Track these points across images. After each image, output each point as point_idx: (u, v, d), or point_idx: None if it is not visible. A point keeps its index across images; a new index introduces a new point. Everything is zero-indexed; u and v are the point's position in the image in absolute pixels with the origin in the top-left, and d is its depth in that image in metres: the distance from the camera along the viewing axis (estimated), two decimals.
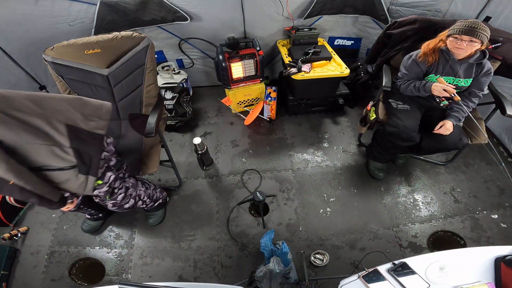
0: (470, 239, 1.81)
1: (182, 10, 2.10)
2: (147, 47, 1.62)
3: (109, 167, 1.29)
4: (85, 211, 1.71)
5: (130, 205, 1.55)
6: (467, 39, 1.43)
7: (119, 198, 1.44)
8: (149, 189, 1.72)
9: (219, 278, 1.70)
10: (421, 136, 1.72)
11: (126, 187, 1.48)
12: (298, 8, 2.31)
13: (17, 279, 1.71)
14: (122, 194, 1.44)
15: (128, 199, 1.51)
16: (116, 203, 1.45)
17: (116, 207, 1.48)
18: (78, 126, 1.07)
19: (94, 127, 1.12)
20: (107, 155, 1.26)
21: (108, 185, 1.32)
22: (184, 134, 2.50)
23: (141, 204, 1.67)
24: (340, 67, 2.24)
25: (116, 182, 1.37)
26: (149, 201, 1.72)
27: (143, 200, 1.66)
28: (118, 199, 1.44)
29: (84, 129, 1.10)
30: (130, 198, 1.52)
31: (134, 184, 1.55)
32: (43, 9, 1.90)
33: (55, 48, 1.55)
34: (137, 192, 1.59)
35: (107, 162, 1.27)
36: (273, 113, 2.54)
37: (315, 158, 2.29)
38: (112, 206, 1.46)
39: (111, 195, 1.38)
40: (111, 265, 1.76)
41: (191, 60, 2.62)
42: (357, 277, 0.97)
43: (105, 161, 1.25)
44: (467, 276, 0.96)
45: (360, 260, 1.11)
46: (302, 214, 1.95)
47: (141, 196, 1.63)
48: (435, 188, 2.07)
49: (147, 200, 1.70)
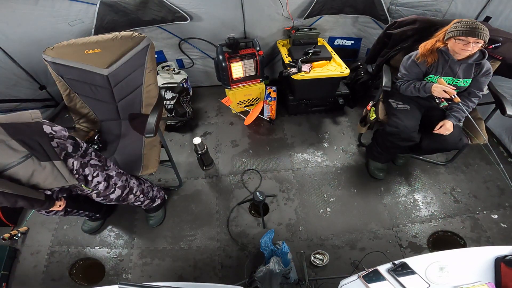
0: (470, 239, 1.81)
1: (182, 10, 2.10)
2: (147, 47, 1.62)
3: (68, 154, 1.24)
4: (78, 214, 1.66)
5: (116, 195, 1.49)
6: (473, 40, 1.42)
7: (100, 187, 1.39)
8: (143, 185, 1.69)
9: (219, 278, 1.70)
10: (421, 136, 1.72)
11: (108, 175, 1.43)
12: (298, 8, 2.31)
13: (17, 279, 1.71)
14: (102, 182, 1.39)
15: (113, 189, 1.46)
16: (100, 193, 1.40)
17: (101, 197, 1.43)
18: (7, 121, 1.09)
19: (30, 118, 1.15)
20: (60, 141, 1.21)
21: (76, 172, 1.27)
22: (184, 134, 2.50)
23: (133, 199, 1.62)
24: (340, 67, 2.24)
25: (85, 169, 1.31)
26: (142, 197, 1.68)
27: (135, 195, 1.61)
28: (99, 188, 1.39)
29: (16, 123, 1.11)
30: (115, 188, 1.46)
31: (119, 173, 1.50)
32: (43, 9, 1.90)
33: (55, 48, 1.55)
34: (126, 184, 1.53)
35: (64, 149, 1.23)
36: (273, 113, 2.54)
37: (315, 158, 2.29)
38: (97, 196, 1.42)
39: (86, 183, 1.34)
40: (111, 265, 1.76)
41: (191, 60, 2.62)
42: (357, 277, 0.97)
43: (61, 149, 1.21)
44: (467, 276, 0.96)
45: (360, 260, 1.11)
46: (302, 214, 1.95)
47: (133, 189, 1.59)
48: (435, 188, 2.07)
49: (141, 195, 1.65)
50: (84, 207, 1.69)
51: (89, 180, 1.34)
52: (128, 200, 1.61)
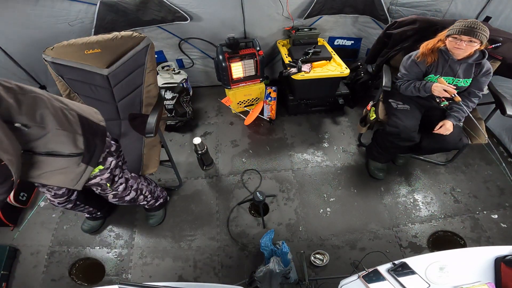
0: (470, 239, 1.81)
1: (182, 10, 2.10)
2: (147, 47, 1.62)
3: (110, 153, 1.29)
4: (83, 208, 1.68)
5: (131, 197, 1.53)
6: (467, 39, 1.43)
7: (120, 188, 1.43)
8: (151, 185, 1.72)
9: (219, 278, 1.70)
10: (421, 136, 1.72)
11: (126, 178, 1.47)
12: (298, 8, 2.31)
13: (17, 279, 1.71)
14: (123, 184, 1.44)
15: (129, 191, 1.50)
16: (117, 194, 1.44)
17: (117, 198, 1.46)
18: (83, 114, 1.14)
19: (99, 119, 1.20)
20: (107, 140, 1.27)
21: (110, 171, 1.31)
22: (184, 134, 2.50)
23: (143, 200, 1.65)
24: (340, 67, 2.24)
25: (116, 169, 1.36)
26: (150, 197, 1.71)
27: (145, 195, 1.64)
28: (119, 190, 1.43)
29: (90, 119, 1.16)
30: (131, 190, 1.51)
31: (134, 176, 1.55)
32: (43, 9, 1.90)
33: (55, 48, 1.55)
34: (139, 186, 1.57)
35: (108, 147, 1.27)
36: (273, 113, 2.54)
37: (315, 158, 2.29)
38: (113, 197, 1.44)
39: (112, 183, 1.38)
40: (111, 265, 1.76)
41: (191, 60, 2.62)
42: (357, 277, 0.97)
43: (106, 147, 1.25)
44: (467, 276, 0.96)
45: (360, 260, 1.11)
46: (302, 214, 1.95)
47: (143, 190, 1.62)
48: (435, 188, 2.07)
49: (149, 195, 1.68)
50: (92, 203, 1.71)
51: (115, 181, 1.38)
52: (138, 201, 1.63)
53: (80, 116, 1.11)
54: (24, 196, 1.97)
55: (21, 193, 1.95)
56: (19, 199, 1.92)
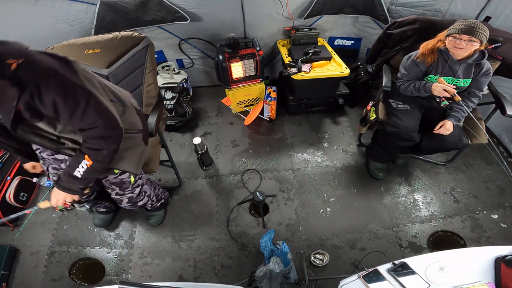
0: (470, 239, 1.81)
1: (182, 10, 2.10)
2: (147, 47, 1.61)
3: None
4: (100, 204, 1.73)
5: (143, 202, 1.56)
6: (467, 38, 1.43)
7: (136, 191, 1.45)
8: (157, 189, 1.74)
9: (219, 278, 1.70)
10: (421, 136, 1.72)
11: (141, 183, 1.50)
12: (298, 8, 2.31)
13: (17, 279, 1.71)
14: (140, 187, 1.47)
15: (143, 196, 1.54)
16: (132, 198, 1.46)
17: (131, 203, 1.48)
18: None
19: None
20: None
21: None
22: (184, 134, 2.50)
23: (150, 204, 1.68)
24: (340, 67, 2.24)
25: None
26: (156, 200, 1.74)
27: (152, 200, 1.67)
28: (135, 192, 1.45)
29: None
30: (144, 196, 1.55)
31: (148, 182, 1.58)
32: (43, 9, 1.90)
33: (55, 48, 1.54)
34: (149, 192, 1.61)
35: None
36: (273, 113, 2.54)
37: (315, 158, 2.29)
38: (127, 201, 1.46)
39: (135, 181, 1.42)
40: (111, 265, 1.76)
41: (191, 60, 2.62)
42: (357, 277, 0.97)
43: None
44: (467, 276, 0.96)
45: (360, 260, 1.11)
46: (302, 214, 1.95)
47: (151, 195, 1.64)
48: (435, 188, 2.07)
49: (155, 199, 1.71)
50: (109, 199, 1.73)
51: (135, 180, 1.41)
52: (146, 206, 1.66)
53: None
54: (24, 196, 1.97)
55: (21, 193, 1.95)
56: (19, 199, 1.92)
